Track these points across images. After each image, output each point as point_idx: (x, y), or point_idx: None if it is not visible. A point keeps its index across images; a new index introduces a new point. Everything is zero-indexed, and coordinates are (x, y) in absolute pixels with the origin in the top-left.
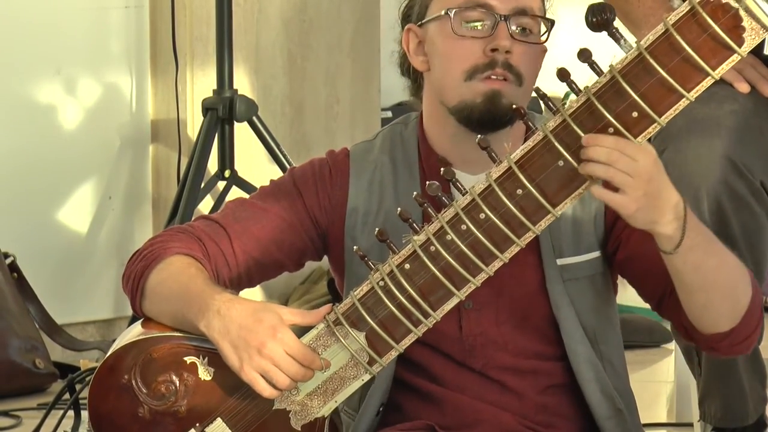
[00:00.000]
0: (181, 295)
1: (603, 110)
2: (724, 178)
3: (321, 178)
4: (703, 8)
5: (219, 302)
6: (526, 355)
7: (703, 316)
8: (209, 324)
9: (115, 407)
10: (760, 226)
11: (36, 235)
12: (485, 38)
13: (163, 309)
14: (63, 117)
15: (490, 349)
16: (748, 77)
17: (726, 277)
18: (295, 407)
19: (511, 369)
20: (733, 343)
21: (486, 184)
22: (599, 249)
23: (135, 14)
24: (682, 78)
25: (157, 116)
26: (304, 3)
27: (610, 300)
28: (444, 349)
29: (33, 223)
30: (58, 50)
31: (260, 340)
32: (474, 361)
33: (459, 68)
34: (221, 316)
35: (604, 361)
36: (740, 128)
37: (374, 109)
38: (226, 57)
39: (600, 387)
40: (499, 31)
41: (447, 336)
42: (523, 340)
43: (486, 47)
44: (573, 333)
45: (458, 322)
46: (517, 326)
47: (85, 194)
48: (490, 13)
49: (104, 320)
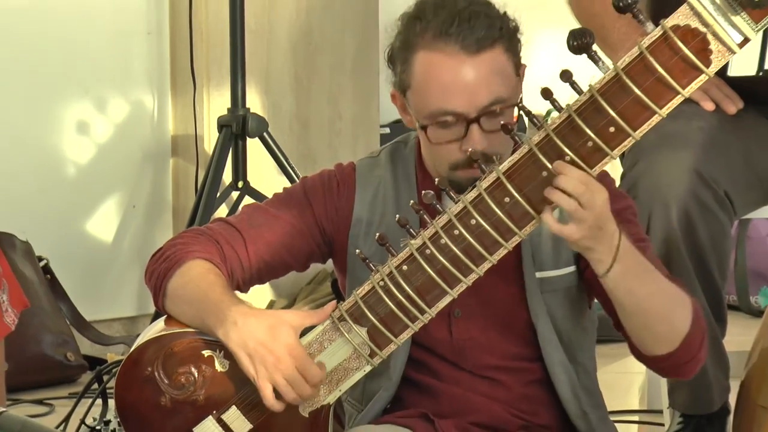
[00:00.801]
0: (201, 300)
1: (583, 126)
2: (691, 188)
3: (329, 189)
4: (674, 33)
5: (235, 314)
6: (510, 356)
7: (640, 338)
8: (227, 334)
9: (139, 396)
10: (724, 232)
11: (67, 241)
12: (460, 139)
13: (184, 310)
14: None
15: (478, 351)
16: (713, 96)
17: (661, 304)
18: None
19: (496, 368)
20: (674, 365)
21: (477, 193)
22: (575, 264)
23: (156, 39)
24: (655, 96)
25: (177, 132)
26: (309, 29)
27: (584, 309)
28: (438, 352)
29: (64, 229)
30: (86, 72)
31: (276, 356)
32: (464, 362)
33: (442, 163)
34: (238, 328)
35: (576, 364)
36: (706, 143)
37: (374, 125)
38: (239, 78)
39: (571, 387)
40: (471, 133)
41: (440, 340)
42: (506, 344)
43: (462, 146)
44: (549, 339)
45: (449, 329)
46: (500, 332)
47: (111, 203)
48: (461, 117)
49: (129, 317)
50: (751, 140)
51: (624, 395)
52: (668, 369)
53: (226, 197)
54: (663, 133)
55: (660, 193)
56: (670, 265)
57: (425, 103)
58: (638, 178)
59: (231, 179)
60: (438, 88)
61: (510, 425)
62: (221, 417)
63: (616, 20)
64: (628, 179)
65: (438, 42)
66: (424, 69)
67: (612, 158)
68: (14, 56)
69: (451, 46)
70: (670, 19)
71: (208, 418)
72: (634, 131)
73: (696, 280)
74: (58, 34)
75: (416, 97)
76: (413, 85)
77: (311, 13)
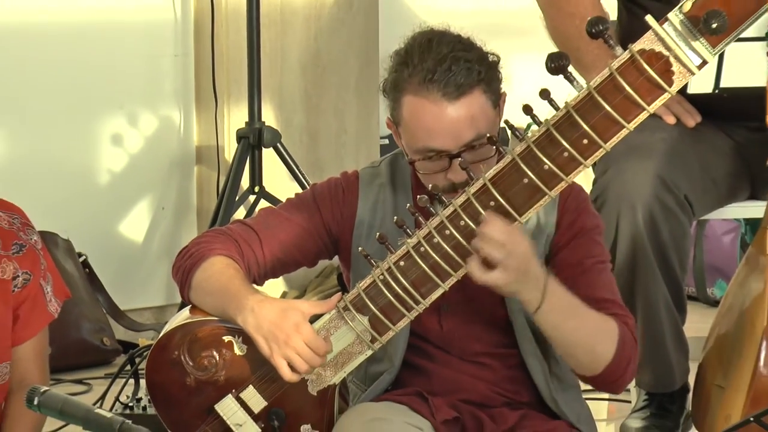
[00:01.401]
0: (222, 291)
1: (560, 138)
2: (655, 192)
3: (335, 195)
4: (640, 56)
5: (252, 302)
6: (492, 345)
7: (568, 362)
8: (245, 320)
9: (167, 377)
10: (685, 231)
11: (104, 238)
12: (445, 170)
13: (207, 301)
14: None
15: (464, 341)
16: (675, 111)
17: (584, 337)
18: (312, 376)
19: (481, 353)
20: (600, 384)
21: (465, 198)
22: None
23: (182, 61)
24: (624, 112)
25: (200, 143)
26: (318, 52)
27: None
28: (431, 340)
29: (101, 228)
30: (121, 90)
31: (286, 333)
32: (452, 349)
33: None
34: (255, 313)
35: (548, 355)
36: (668, 152)
37: (374, 137)
38: (255, 95)
39: (543, 374)
40: (453, 166)
41: (431, 331)
42: (488, 335)
43: (447, 176)
44: (524, 333)
45: (439, 321)
46: (483, 324)
47: (142, 206)
48: (445, 153)
49: (158, 306)
50: (708, 150)
51: None
52: (596, 386)
53: (243, 200)
54: (630, 143)
55: (627, 197)
56: (636, 262)
57: (413, 141)
58: (608, 184)
59: (248, 185)
60: (423, 129)
61: (494, 402)
62: (239, 395)
63: (589, 45)
64: (599, 185)
65: (422, 89)
66: (410, 112)
67: (585, 167)
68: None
69: (433, 93)
70: (637, 44)
71: (228, 396)
72: (604, 143)
73: (659, 274)
74: (96, 56)
75: (405, 135)
76: (402, 123)
77: (319, 39)
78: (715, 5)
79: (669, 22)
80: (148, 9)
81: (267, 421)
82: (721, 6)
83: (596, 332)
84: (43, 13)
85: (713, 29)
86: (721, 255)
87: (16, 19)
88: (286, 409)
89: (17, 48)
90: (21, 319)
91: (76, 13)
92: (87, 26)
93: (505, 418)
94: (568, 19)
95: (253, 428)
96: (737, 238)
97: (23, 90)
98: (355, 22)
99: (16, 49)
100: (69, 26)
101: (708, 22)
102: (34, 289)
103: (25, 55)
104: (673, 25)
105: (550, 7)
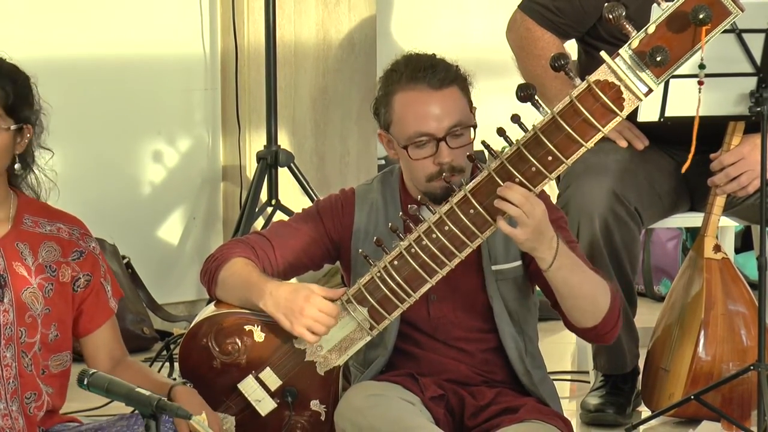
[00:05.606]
0: (244, 284)
1: (528, 155)
2: (609, 205)
3: (335, 209)
4: (596, 85)
5: (270, 287)
6: (474, 330)
7: (573, 315)
8: (266, 303)
9: (197, 361)
10: (635, 238)
11: (144, 243)
12: (433, 155)
13: (231, 294)
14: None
15: (449, 327)
16: (626, 136)
17: (588, 290)
18: (320, 359)
19: (463, 339)
20: (598, 335)
21: (449, 206)
22: (521, 260)
23: (211, 94)
24: (582, 133)
25: (226, 163)
26: (325, 87)
27: (528, 293)
28: (420, 327)
29: (142, 234)
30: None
31: (300, 305)
32: (439, 335)
33: (420, 176)
34: (273, 296)
35: (523, 335)
36: (621, 171)
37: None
38: (272, 123)
39: (518, 353)
40: (441, 149)
41: (420, 318)
42: (470, 321)
43: (435, 160)
44: (502, 316)
45: (427, 310)
46: (466, 312)
47: (177, 215)
48: (432, 137)
49: (190, 301)
50: (654, 169)
51: (559, 360)
52: (593, 337)
53: (262, 212)
54: (588, 163)
55: (586, 209)
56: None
57: (405, 129)
58: (570, 198)
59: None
60: (414, 116)
61: (474, 381)
62: (259, 375)
63: (553, 81)
64: (562, 198)
65: (410, 84)
66: (402, 104)
67: (550, 179)
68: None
69: (420, 85)
70: (593, 75)
71: (248, 377)
72: (566, 159)
73: (613, 274)
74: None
75: (397, 127)
76: (394, 119)
77: (326, 76)
78: (659, 42)
79: (620, 56)
80: (183, 52)
81: (282, 398)
82: (664, 43)
83: (596, 285)
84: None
85: (657, 62)
86: (665, 258)
87: (78, 56)
88: (298, 387)
89: (78, 81)
90: (86, 313)
91: (124, 53)
92: (132, 64)
93: (483, 395)
94: (535, 60)
95: (271, 403)
96: (679, 244)
97: (81, 116)
98: (357, 62)
99: (77, 82)
100: (117, 63)
101: (653, 56)
102: (96, 287)
103: (83, 87)
104: (624, 59)
105: (521, 50)
